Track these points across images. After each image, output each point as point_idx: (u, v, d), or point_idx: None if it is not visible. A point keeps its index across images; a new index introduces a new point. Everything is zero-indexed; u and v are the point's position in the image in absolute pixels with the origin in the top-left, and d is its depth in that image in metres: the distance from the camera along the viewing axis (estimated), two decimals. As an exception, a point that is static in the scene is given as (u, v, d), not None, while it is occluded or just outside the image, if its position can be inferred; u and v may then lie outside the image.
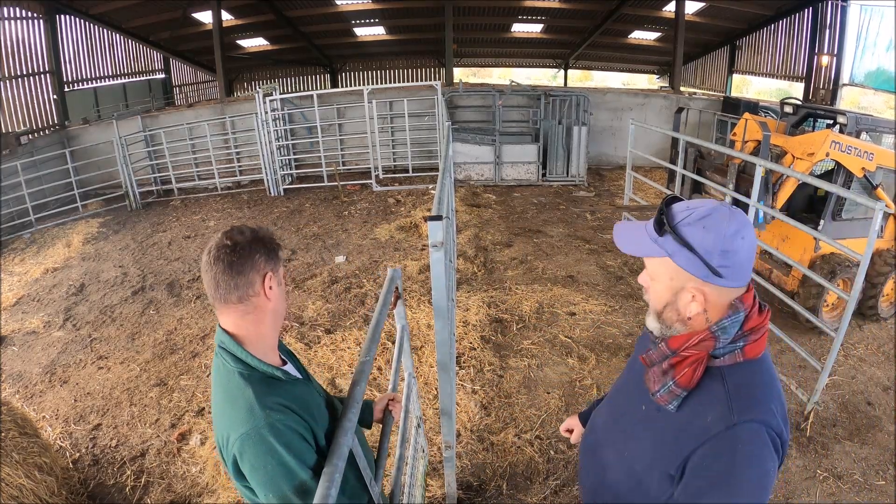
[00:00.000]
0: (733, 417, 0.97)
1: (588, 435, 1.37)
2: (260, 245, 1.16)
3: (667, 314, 1.06)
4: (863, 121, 4.43)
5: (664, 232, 1.01)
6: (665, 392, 1.05)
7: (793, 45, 12.31)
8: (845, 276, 4.10)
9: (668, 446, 1.05)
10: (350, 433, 1.10)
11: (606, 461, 1.23)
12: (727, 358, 1.02)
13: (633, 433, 1.16)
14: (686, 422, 1.03)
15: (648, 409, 1.13)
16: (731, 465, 0.95)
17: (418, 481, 2.42)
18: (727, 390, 1.00)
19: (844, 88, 11.13)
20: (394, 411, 1.61)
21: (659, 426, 1.09)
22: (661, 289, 1.05)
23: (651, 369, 1.09)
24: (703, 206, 1.00)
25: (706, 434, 0.98)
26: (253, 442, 1.05)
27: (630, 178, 6.13)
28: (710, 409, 1.00)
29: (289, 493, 1.06)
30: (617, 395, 1.32)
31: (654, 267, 1.06)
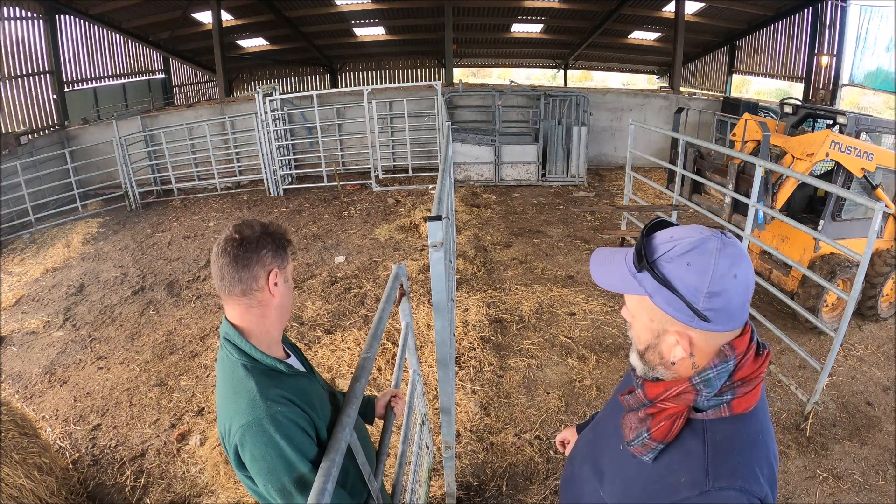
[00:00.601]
0: (708, 483, 0.85)
1: (567, 466, 1.28)
2: (268, 241, 1.16)
3: (649, 356, 0.94)
4: (862, 121, 4.44)
5: (642, 267, 0.87)
6: (639, 444, 0.94)
7: (792, 46, 12.31)
8: (845, 276, 4.10)
9: (638, 497, 0.95)
10: (349, 428, 1.11)
11: (583, 491, 1.13)
12: (711, 412, 0.90)
13: (608, 474, 1.06)
14: (658, 476, 0.92)
15: (624, 452, 1.02)
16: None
17: (422, 478, 2.42)
18: (706, 450, 0.88)
19: (844, 88, 11.14)
20: (396, 408, 1.62)
21: (631, 474, 0.98)
22: (640, 329, 0.93)
23: (628, 414, 0.99)
24: (689, 238, 0.85)
25: (676, 496, 0.87)
26: (254, 433, 1.06)
27: (630, 178, 6.13)
28: (685, 468, 0.89)
29: (288, 485, 1.07)
30: (598, 428, 1.21)
31: (633, 305, 0.93)
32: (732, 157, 4.55)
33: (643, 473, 0.95)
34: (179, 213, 8.22)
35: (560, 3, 13.13)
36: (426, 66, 18.00)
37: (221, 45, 10.61)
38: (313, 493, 0.95)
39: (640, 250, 0.87)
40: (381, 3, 12.94)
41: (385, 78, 18.27)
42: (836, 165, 4.18)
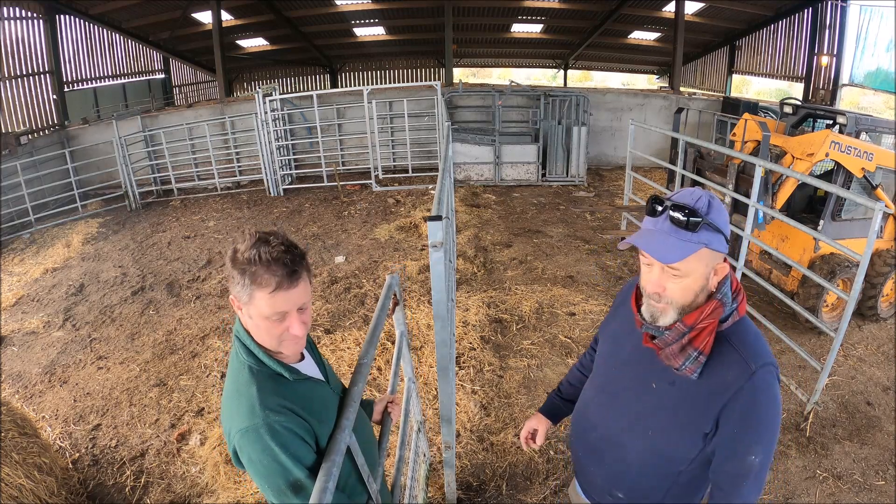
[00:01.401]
0: (751, 367, 1.11)
1: (588, 432, 1.42)
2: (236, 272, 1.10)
3: (697, 300, 1.14)
4: (862, 121, 4.44)
5: (699, 227, 1.08)
6: (691, 363, 1.14)
7: (792, 46, 12.31)
8: (845, 276, 4.10)
9: (697, 411, 1.16)
10: (347, 431, 1.14)
11: (626, 448, 1.30)
12: (730, 320, 1.16)
13: (652, 415, 1.25)
14: (707, 385, 1.15)
15: (661, 387, 1.23)
16: (757, 407, 1.12)
17: (420, 484, 2.42)
18: (734, 347, 1.14)
19: (844, 89, 11.14)
20: (393, 413, 1.64)
21: (681, 397, 1.19)
22: (694, 280, 1.12)
23: (667, 350, 1.17)
24: (697, 195, 1.11)
25: (731, 388, 1.12)
26: (251, 438, 1.08)
27: (630, 178, 6.13)
28: (727, 367, 1.13)
29: (284, 489, 1.09)
30: (611, 390, 1.36)
31: (690, 264, 1.10)
32: (732, 157, 4.55)
33: (692, 391, 1.17)
34: (179, 213, 8.22)
35: (560, 3, 13.13)
36: (426, 66, 18.00)
37: (221, 45, 10.61)
38: (315, 493, 0.97)
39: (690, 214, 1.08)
40: (381, 3, 12.94)
41: (385, 78, 18.27)
42: (836, 165, 4.18)
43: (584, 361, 1.65)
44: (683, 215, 1.08)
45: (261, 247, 1.08)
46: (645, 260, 1.16)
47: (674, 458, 1.24)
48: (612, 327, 1.43)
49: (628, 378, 1.31)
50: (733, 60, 14.65)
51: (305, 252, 1.17)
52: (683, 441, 1.20)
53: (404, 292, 5.01)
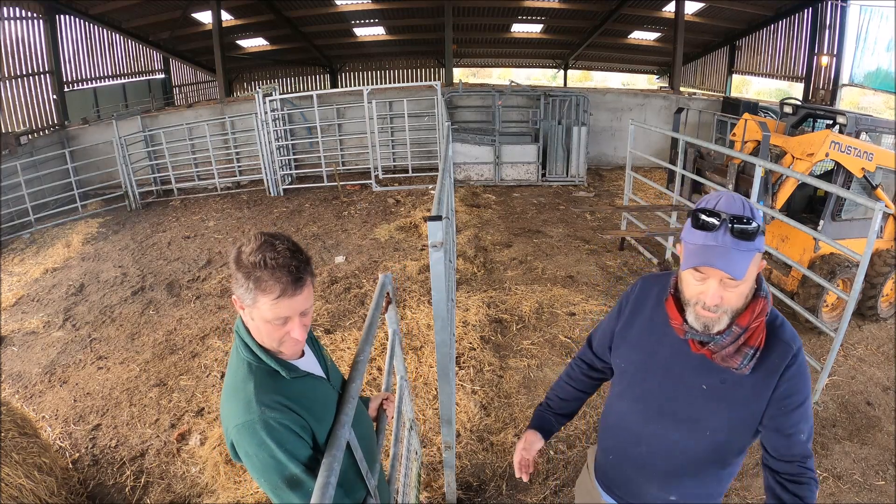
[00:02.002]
0: (793, 347, 1.20)
1: (634, 448, 1.38)
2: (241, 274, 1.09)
3: (747, 301, 1.17)
4: (862, 121, 4.44)
5: (758, 234, 1.10)
6: (749, 361, 1.18)
7: (792, 46, 12.31)
8: (845, 276, 4.10)
9: (752, 399, 1.21)
10: (347, 426, 1.17)
11: (680, 451, 1.32)
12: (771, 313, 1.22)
13: (709, 413, 1.26)
14: (757, 376, 1.20)
15: (711, 386, 1.25)
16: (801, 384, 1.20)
17: (412, 482, 2.42)
18: (775, 333, 1.21)
19: (844, 89, 11.14)
20: (388, 410, 1.68)
21: (735, 391, 1.23)
22: (746, 285, 1.14)
23: (721, 353, 1.19)
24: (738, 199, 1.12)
25: (779, 370, 1.19)
26: (247, 434, 1.09)
27: (630, 178, 6.13)
28: (772, 351, 1.20)
29: (279, 483, 1.11)
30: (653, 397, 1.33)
31: (751, 270, 1.12)
32: (732, 157, 4.55)
33: (744, 383, 1.21)
34: (179, 213, 8.22)
35: (560, 3, 13.13)
36: (426, 66, 17.99)
37: (221, 45, 10.60)
38: (317, 488, 0.99)
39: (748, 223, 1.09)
40: (381, 3, 12.93)
41: (385, 78, 18.27)
42: (836, 165, 4.18)
43: (574, 374, 1.60)
44: (748, 227, 1.08)
45: (266, 251, 1.07)
46: (699, 274, 1.13)
47: (731, 450, 1.29)
48: (632, 336, 1.38)
49: (673, 385, 1.29)
50: (733, 60, 14.65)
51: (310, 257, 1.17)
52: (741, 433, 1.25)
53: (404, 292, 5.01)
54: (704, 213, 1.11)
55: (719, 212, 1.10)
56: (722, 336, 1.17)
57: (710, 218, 1.11)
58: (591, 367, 1.57)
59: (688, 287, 1.18)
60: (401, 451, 2.14)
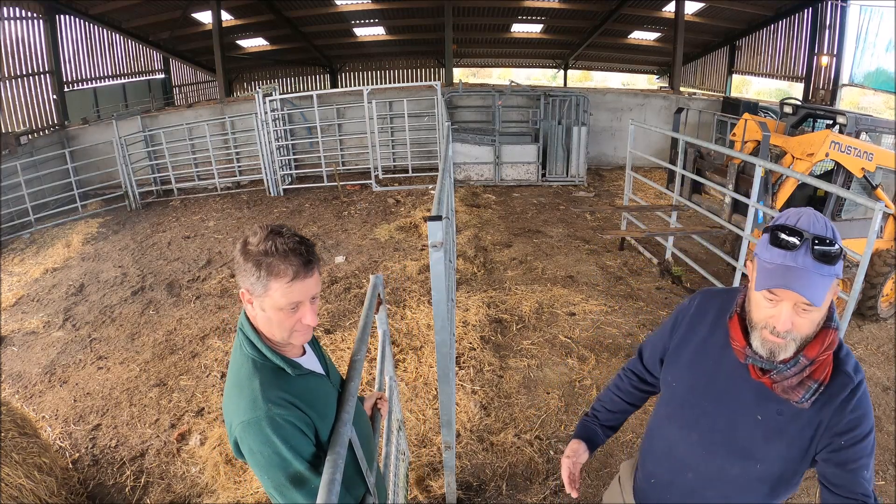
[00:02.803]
0: (854, 379, 1.12)
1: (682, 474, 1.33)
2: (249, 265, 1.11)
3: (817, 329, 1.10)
4: (862, 121, 4.44)
5: (840, 258, 1.03)
6: (811, 395, 1.11)
7: (792, 46, 12.31)
8: (845, 276, 4.09)
9: (808, 432, 1.15)
10: (349, 424, 1.19)
11: (731, 480, 1.25)
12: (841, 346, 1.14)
13: (761, 444, 1.20)
14: (816, 409, 1.13)
15: (768, 417, 1.18)
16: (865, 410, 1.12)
17: (401, 481, 2.43)
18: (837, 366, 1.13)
19: (844, 89, 11.14)
20: (381, 409, 1.70)
21: (790, 425, 1.16)
22: (820, 313, 1.07)
23: (784, 383, 1.13)
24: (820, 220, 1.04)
25: (836, 401, 1.12)
26: (252, 431, 1.09)
27: (630, 178, 6.13)
28: (831, 384, 1.12)
29: (283, 480, 1.12)
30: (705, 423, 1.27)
31: (828, 295, 1.04)
32: (732, 157, 4.55)
33: (803, 419, 1.14)
34: (179, 213, 8.22)
35: (560, 3, 13.13)
36: (426, 66, 17.99)
37: (221, 45, 10.60)
38: (322, 485, 1.01)
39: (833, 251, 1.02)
40: (381, 3, 12.93)
41: (385, 78, 18.26)
42: (836, 165, 4.18)
43: (622, 386, 1.56)
44: (832, 250, 1.01)
45: (275, 238, 1.10)
46: (772, 296, 1.06)
47: (780, 483, 1.22)
48: (686, 355, 1.31)
49: (727, 413, 1.23)
50: (733, 60, 14.65)
51: (314, 244, 1.20)
52: (793, 467, 1.19)
53: (404, 292, 5.01)
54: (785, 230, 1.04)
55: (801, 230, 1.03)
56: (787, 365, 1.10)
57: (791, 237, 1.03)
58: (641, 379, 1.52)
59: (758, 309, 1.11)
60: (391, 451, 2.16)
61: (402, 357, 3.96)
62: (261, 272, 1.09)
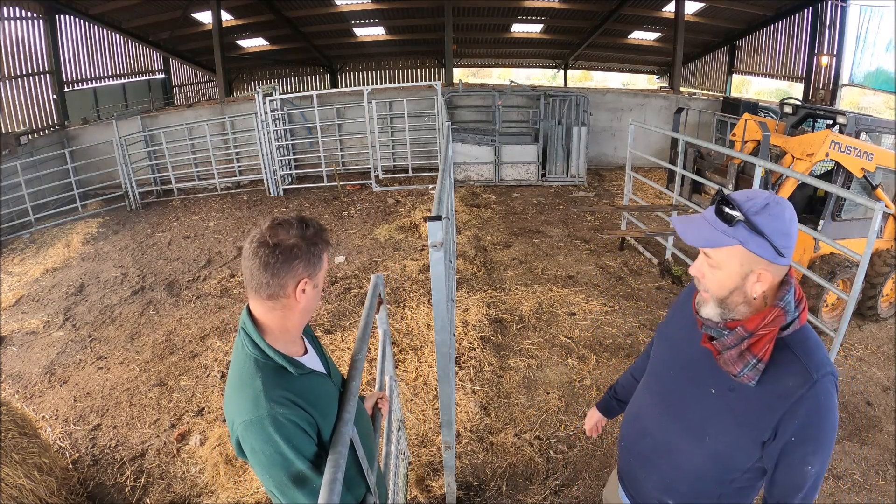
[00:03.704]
0: (812, 376, 1.11)
1: (641, 440, 1.42)
2: (302, 249, 1.15)
3: (732, 298, 1.15)
4: (862, 121, 4.44)
5: (736, 222, 1.09)
6: (750, 370, 1.14)
7: (792, 46, 12.31)
8: (845, 276, 4.10)
9: (756, 419, 1.16)
10: (350, 424, 1.20)
11: (681, 454, 1.31)
12: (791, 328, 1.15)
13: (710, 421, 1.24)
14: (769, 392, 1.14)
15: (720, 393, 1.22)
16: (817, 417, 1.11)
17: (400, 481, 2.44)
18: (796, 355, 1.13)
19: (844, 89, 11.14)
20: (382, 409, 1.72)
21: (740, 403, 1.19)
22: (727, 275, 1.14)
23: (726, 354, 1.17)
24: (760, 197, 1.11)
25: (791, 397, 1.12)
26: (255, 430, 1.09)
27: (630, 178, 6.13)
28: (788, 374, 1.13)
29: (284, 479, 1.12)
30: (667, 396, 1.35)
31: (723, 256, 1.12)
32: (732, 157, 4.55)
33: (751, 398, 1.17)
34: (179, 213, 8.22)
35: (560, 3, 13.13)
36: (426, 66, 17.99)
37: (221, 45, 10.60)
38: (324, 485, 1.01)
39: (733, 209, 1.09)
40: (381, 3, 12.93)
41: (385, 78, 18.26)
42: (836, 165, 4.18)
43: (637, 365, 1.66)
44: (726, 208, 1.10)
45: (305, 223, 1.18)
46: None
47: (729, 465, 1.24)
48: (668, 332, 1.42)
49: (686, 383, 1.30)
50: (733, 60, 14.65)
51: None
52: (741, 448, 1.20)
53: (404, 292, 5.01)
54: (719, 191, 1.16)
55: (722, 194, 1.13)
56: (727, 333, 1.16)
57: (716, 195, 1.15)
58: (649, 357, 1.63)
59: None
60: (391, 451, 2.17)
61: (402, 357, 3.96)
62: (313, 251, 1.17)
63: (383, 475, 1.77)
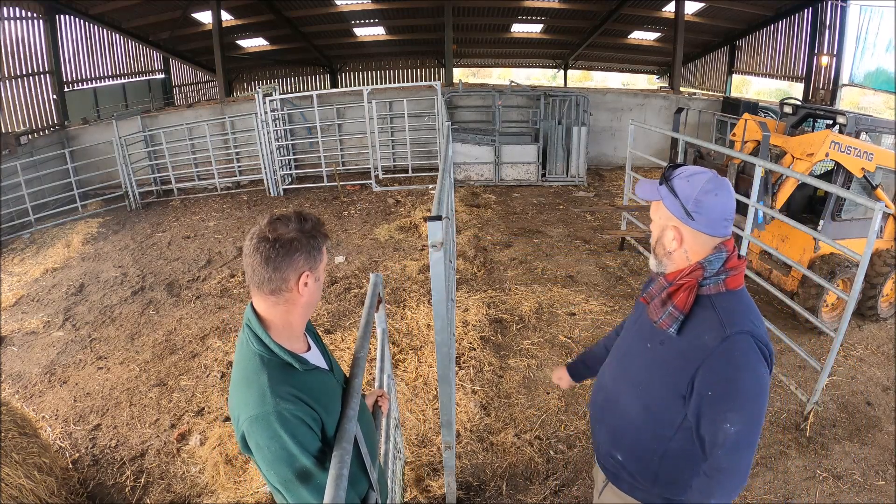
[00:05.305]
0: (725, 331, 1.18)
1: (597, 393, 1.55)
2: (302, 242, 1.17)
3: (657, 249, 1.32)
4: (862, 121, 4.44)
5: (662, 181, 1.28)
6: (666, 317, 1.27)
7: (792, 46, 12.31)
8: (845, 276, 4.10)
9: (677, 371, 1.25)
10: (354, 420, 1.21)
11: (623, 406, 1.41)
12: (712, 287, 1.24)
13: (643, 372, 1.35)
14: (687, 345, 1.24)
15: (653, 346, 1.33)
16: (730, 371, 1.17)
17: (398, 478, 2.44)
18: (717, 313, 1.22)
19: (844, 89, 11.14)
20: (382, 407, 1.74)
21: (665, 357, 1.29)
22: (655, 226, 1.32)
23: (652, 303, 1.31)
24: (697, 170, 1.26)
25: (706, 350, 1.20)
26: (260, 425, 1.10)
27: (629, 178, 6.12)
28: (706, 329, 1.22)
29: (290, 475, 1.12)
30: (620, 353, 1.49)
31: (654, 209, 1.32)
32: (732, 157, 4.55)
33: (672, 349, 1.27)
34: (179, 213, 8.22)
35: (560, 3, 13.12)
36: (426, 66, 17.99)
37: (221, 45, 10.60)
38: (330, 480, 1.01)
39: (664, 172, 1.29)
40: (381, 3, 12.93)
41: (385, 78, 18.26)
42: (836, 165, 4.18)
43: (610, 335, 1.77)
44: (663, 171, 1.30)
45: (303, 217, 1.20)
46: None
47: (661, 419, 1.31)
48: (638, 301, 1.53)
49: (632, 340, 1.44)
50: (733, 60, 14.65)
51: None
52: (665, 400, 1.28)
53: (404, 292, 5.01)
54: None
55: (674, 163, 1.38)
56: (653, 282, 1.33)
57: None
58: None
59: None
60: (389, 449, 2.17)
61: (402, 357, 3.96)
62: (313, 244, 1.18)
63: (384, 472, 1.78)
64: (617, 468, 1.46)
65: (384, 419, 2.02)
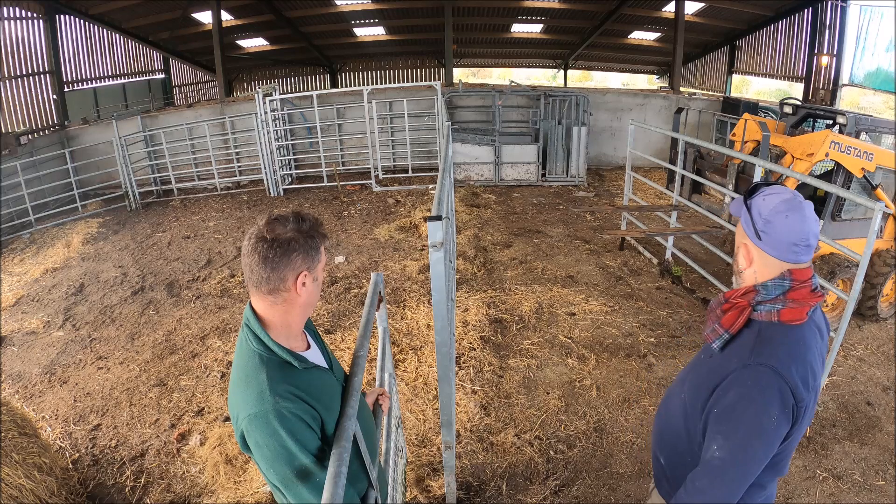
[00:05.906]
0: (750, 359, 1.17)
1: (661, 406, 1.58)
2: (300, 242, 1.17)
3: (734, 265, 1.33)
4: (862, 121, 4.44)
5: (745, 197, 1.28)
6: (711, 331, 1.28)
7: (792, 46, 12.31)
8: (845, 276, 4.10)
9: (706, 384, 1.26)
10: (353, 419, 1.21)
11: (671, 409, 1.44)
12: (764, 314, 1.21)
13: (689, 375, 1.40)
14: (721, 361, 1.25)
15: (705, 357, 1.36)
16: (736, 399, 1.16)
17: (399, 477, 2.44)
18: (755, 339, 1.20)
19: (844, 89, 11.14)
20: (383, 405, 1.74)
21: (706, 369, 1.31)
22: (736, 243, 1.32)
23: (709, 315, 1.33)
24: (778, 189, 1.23)
25: (728, 371, 1.20)
26: (259, 424, 1.10)
27: (630, 178, 6.13)
28: (738, 352, 1.21)
29: (289, 473, 1.12)
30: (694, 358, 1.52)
31: (738, 225, 1.31)
32: (732, 157, 4.55)
33: (712, 363, 1.29)
34: (179, 213, 8.22)
35: (560, 3, 13.12)
36: (426, 66, 17.99)
37: (221, 45, 10.60)
38: (329, 478, 1.02)
39: (750, 187, 1.29)
40: (381, 3, 12.93)
41: (385, 78, 18.26)
42: (836, 165, 4.18)
43: None
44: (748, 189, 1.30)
45: (301, 217, 1.19)
46: None
47: (690, 425, 1.32)
48: None
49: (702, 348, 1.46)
50: (733, 60, 14.65)
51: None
52: (696, 410, 1.30)
53: (404, 292, 5.01)
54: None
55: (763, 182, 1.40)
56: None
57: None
58: None
59: None
60: (390, 447, 2.17)
61: (402, 357, 3.96)
62: (311, 244, 1.18)
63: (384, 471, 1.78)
64: (660, 472, 1.49)
65: (385, 417, 2.02)
